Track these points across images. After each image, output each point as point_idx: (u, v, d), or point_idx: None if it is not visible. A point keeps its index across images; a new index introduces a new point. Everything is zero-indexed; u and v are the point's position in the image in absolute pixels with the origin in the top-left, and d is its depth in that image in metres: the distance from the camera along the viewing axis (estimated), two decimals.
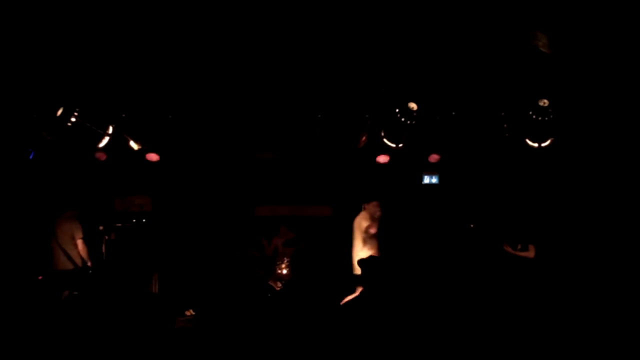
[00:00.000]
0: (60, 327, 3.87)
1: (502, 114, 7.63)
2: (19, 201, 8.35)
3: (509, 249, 7.72)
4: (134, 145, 8.08)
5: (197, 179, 9.45)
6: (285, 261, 8.24)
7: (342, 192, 9.61)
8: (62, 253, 7.65)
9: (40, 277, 7.61)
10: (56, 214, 7.81)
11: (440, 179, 9.27)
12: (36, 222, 8.12)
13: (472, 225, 8.97)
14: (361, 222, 7.78)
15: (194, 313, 7.91)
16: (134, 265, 8.46)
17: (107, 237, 8.47)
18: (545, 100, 7.19)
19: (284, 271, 8.22)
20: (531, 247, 7.60)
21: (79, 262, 7.72)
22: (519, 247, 7.68)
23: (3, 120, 7.43)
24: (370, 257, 5.35)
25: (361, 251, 7.57)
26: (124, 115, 7.80)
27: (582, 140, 7.93)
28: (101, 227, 8.47)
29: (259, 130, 8.24)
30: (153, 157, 8.32)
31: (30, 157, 7.99)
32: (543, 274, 5.74)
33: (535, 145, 7.65)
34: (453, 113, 7.65)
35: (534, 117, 7.32)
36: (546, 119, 7.30)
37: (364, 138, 8.05)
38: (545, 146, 7.66)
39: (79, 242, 7.72)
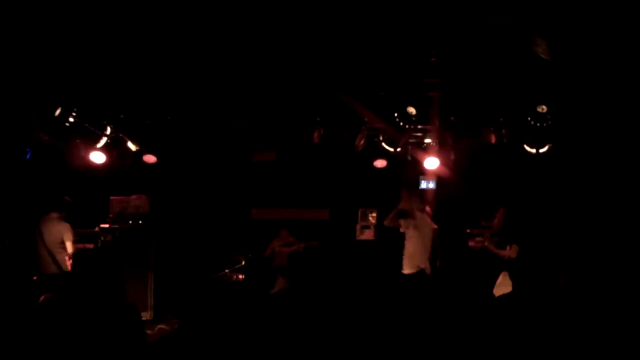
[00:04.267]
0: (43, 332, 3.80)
1: (501, 119, 7.64)
2: (16, 201, 8.31)
3: (492, 248, 7.68)
4: (131, 146, 8.07)
5: (195, 181, 9.43)
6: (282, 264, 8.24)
7: (340, 195, 9.61)
8: (49, 256, 7.32)
9: (35, 277, 7.52)
10: (40, 214, 7.49)
11: (437, 184, 9.26)
12: (31, 223, 8.06)
13: (468, 230, 8.97)
14: None
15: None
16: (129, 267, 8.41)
17: (102, 239, 8.43)
18: (544, 107, 7.20)
19: None
20: (514, 247, 7.55)
21: (65, 266, 7.35)
22: (508, 248, 7.64)
23: (1, 119, 7.41)
24: None
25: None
26: (122, 116, 7.79)
27: (580, 147, 7.95)
28: (97, 229, 8.43)
29: (257, 132, 8.24)
30: (151, 158, 8.29)
31: (27, 156, 7.96)
32: (524, 274, 5.71)
33: (533, 151, 7.65)
34: (452, 118, 7.66)
35: (532, 122, 7.33)
36: (544, 125, 7.31)
37: (362, 142, 8.05)
38: (543, 152, 7.66)
39: (69, 245, 7.34)
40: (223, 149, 8.87)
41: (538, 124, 7.33)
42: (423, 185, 9.23)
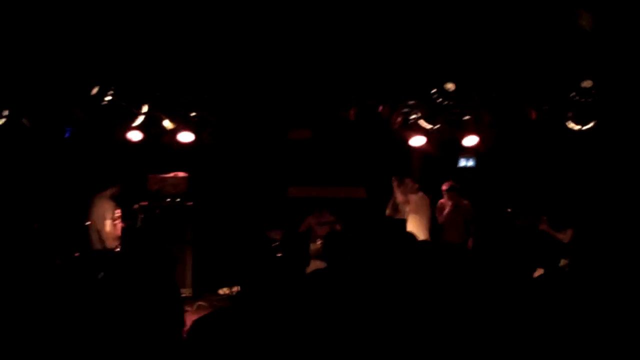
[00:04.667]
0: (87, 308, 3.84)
1: (543, 95, 7.40)
2: (54, 180, 8.47)
3: (546, 227, 7.50)
4: (168, 124, 8.09)
5: (231, 159, 9.45)
6: (318, 242, 8.17)
7: (376, 173, 9.50)
8: (96, 233, 7.57)
9: (76, 254, 7.66)
10: (94, 192, 7.73)
11: (477, 162, 9.08)
12: (72, 201, 8.20)
13: (509, 210, 8.76)
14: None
15: (228, 292, 8.01)
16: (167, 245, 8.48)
17: (141, 216, 8.51)
18: (589, 81, 6.95)
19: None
20: (569, 231, 7.37)
21: (109, 243, 7.56)
22: (564, 231, 7.45)
23: (40, 98, 7.52)
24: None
25: None
26: (158, 94, 7.81)
27: (626, 123, 7.66)
28: (135, 206, 8.52)
29: (293, 110, 8.19)
30: (187, 136, 8.31)
31: (66, 135, 8.08)
32: (576, 259, 5.51)
33: (577, 128, 7.40)
34: (493, 94, 7.47)
35: (576, 98, 7.09)
36: (589, 100, 7.06)
37: (399, 119, 7.92)
38: (588, 129, 7.40)
39: (108, 223, 7.55)
40: (259, 127, 8.86)
41: (583, 100, 7.08)
42: (462, 162, 9.06)
